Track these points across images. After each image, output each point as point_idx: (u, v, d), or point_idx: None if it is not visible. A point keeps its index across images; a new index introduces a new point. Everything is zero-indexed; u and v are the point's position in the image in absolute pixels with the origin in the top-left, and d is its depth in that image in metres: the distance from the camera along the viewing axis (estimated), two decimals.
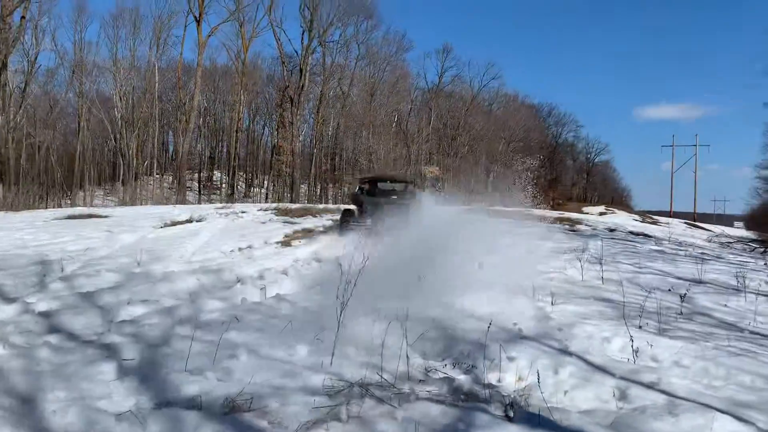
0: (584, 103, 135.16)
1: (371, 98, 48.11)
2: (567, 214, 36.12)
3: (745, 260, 13.05)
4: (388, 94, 50.44)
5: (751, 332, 5.76)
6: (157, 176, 49.30)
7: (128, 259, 9.43)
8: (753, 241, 23.93)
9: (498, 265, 9.84)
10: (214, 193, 54.66)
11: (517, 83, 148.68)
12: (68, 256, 9.55)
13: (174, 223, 14.49)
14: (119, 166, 43.98)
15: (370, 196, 13.53)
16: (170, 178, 54.36)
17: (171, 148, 62.45)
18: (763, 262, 12.63)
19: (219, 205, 23.06)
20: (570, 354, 4.81)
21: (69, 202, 40.96)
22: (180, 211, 17.03)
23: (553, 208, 51.83)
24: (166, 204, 27.72)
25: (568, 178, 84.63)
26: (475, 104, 62.84)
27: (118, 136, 43.42)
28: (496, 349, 4.73)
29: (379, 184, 14.18)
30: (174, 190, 45.33)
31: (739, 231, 47.36)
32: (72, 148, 44.65)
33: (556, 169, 77.75)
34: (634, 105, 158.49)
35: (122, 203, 36.81)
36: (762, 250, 19.02)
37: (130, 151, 42.38)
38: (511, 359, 4.58)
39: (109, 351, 4.57)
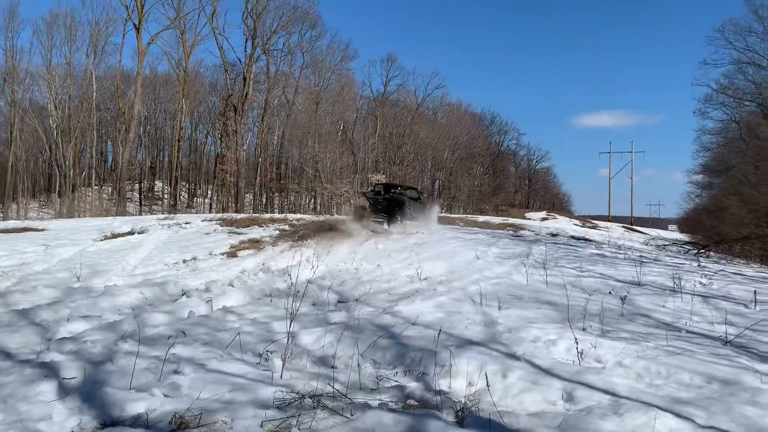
0: (525, 111, 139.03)
1: (316, 107, 47.96)
2: (511, 220, 36.88)
3: (680, 262, 13.59)
4: (333, 102, 50.43)
5: (688, 331, 5.99)
6: (96, 187, 47.78)
7: (67, 274, 9.09)
8: (687, 243, 24.99)
9: (445, 272, 9.98)
10: (156, 204, 53.36)
11: (461, 92, 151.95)
12: (1, 272, 9.14)
13: (115, 236, 14.05)
14: (55, 178, 42.42)
15: (379, 196, 17.98)
16: (110, 189, 52.81)
17: (110, 158, 60.80)
18: (696, 264, 13.16)
19: (161, 216, 22.48)
20: (518, 358, 4.89)
21: (1, 215, 39.22)
22: (121, 223, 16.51)
23: (497, 214, 52.76)
24: (106, 216, 26.85)
25: (511, 185, 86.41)
26: (420, 113, 63.57)
27: (53, 146, 41.86)
28: (447, 355, 4.77)
29: (389, 190, 18.51)
30: (114, 201, 44.00)
31: (673, 234, 49.39)
32: (4, 159, 42.79)
33: (500, 177, 79.29)
34: (573, 113, 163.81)
35: (59, 216, 35.40)
36: (695, 252, 19.86)
37: (67, 162, 40.86)
38: (461, 365, 4.62)
39: (49, 370, 4.38)
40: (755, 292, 8.03)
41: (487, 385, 4.18)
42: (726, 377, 4.45)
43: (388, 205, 17.60)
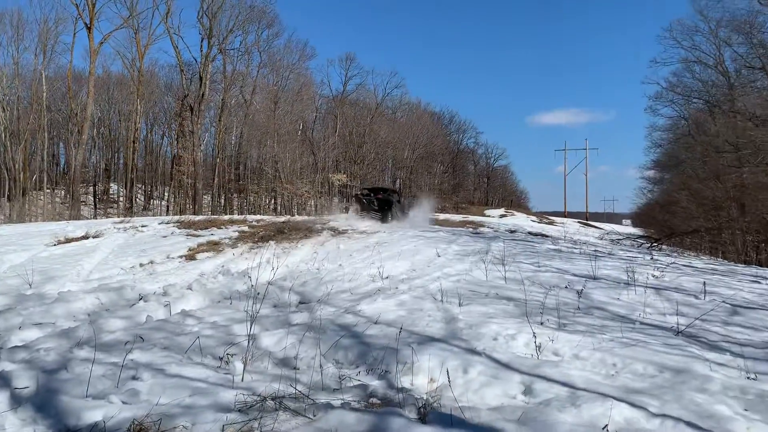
0: (482, 110, 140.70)
1: (275, 106, 47.58)
2: (470, 218, 37.32)
3: (633, 255, 13.95)
4: (292, 102, 50.10)
5: (642, 323, 6.18)
6: (48, 191, 46.41)
7: (18, 280, 8.81)
8: (640, 237, 25.68)
9: (407, 271, 10.04)
10: (112, 207, 52.06)
11: (420, 91, 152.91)
12: None
13: (68, 240, 13.66)
14: (4, 181, 40.96)
15: (370, 197, 22.19)
16: (63, 192, 51.30)
17: (63, 161, 59.14)
18: (649, 257, 13.54)
19: (117, 219, 21.95)
20: (478, 353, 4.97)
21: None
22: (75, 227, 16.05)
23: (457, 212, 53.25)
24: (59, 220, 26.04)
25: (471, 183, 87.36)
26: (379, 112, 63.74)
27: (1, 149, 40.46)
28: (408, 352, 4.82)
29: (375, 192, 22.94)
30: (67, 205, 42.76)
31: (627, 228, 50.70)
32: None
33: (459, 175, 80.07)
34: (529, 112, 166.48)
35: (9, 221, 34.20)
36: (648, 245, 20.43)
37: (17, 165, 39.56)
38: (422, 362, 4.66)
39: (0, 380, 4.26)
40: (704, 283, 8.32)
41: (449, 381, 4.23)
42: (677, 366, 4.61)
43: (380, 204, 21.62)
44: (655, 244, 20.62)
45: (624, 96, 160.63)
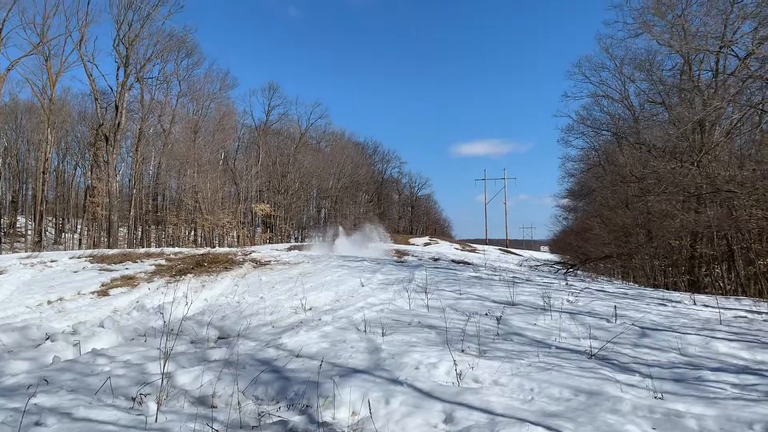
0: (405, 140, 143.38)
1: (195, 136, 46.63)
2: (395, 246, 37.55)
3: (550, 281, 14.42)
4: (213, 131, 49.29)
5: (557, 347, 6.36)
6: None
7: None
8: (557, 263, 26.64)
9: (330, 301, 9.97)
10: (19, 242, 49.13)
11: (343, 121, 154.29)
12: None
13: None
14: None
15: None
16: None
17: None
18: (564, 282, 14.04)
19: (24, 254, 20.73)
20: (400, 383, 4.97)
21: None
22: None
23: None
24: None
25: (395, 212, 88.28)
26: (304, 141, 63.76)
27: None
28: (330, 385, 4.76)
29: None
30: None
31: (545, 254, 52.46)
32: None
33: (384, 204, 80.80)
34: (451, 142, 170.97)
35: None
36: (564, 271, 21.21)
37: None
38: (344, 395, 4.61)
39: None
40: (615, 307, 8.69)
41: (370, 413, 4.21)
42: (591, 389, 4.77)
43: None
44: (571, 270, 21.43)
45: (540, 127, 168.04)
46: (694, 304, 10.18)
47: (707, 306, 9.86)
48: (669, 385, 4.91)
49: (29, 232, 49.09)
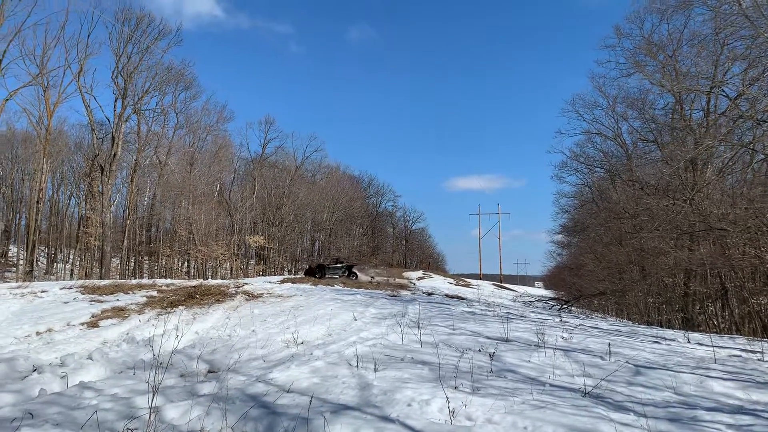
0: (400, 174, 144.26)
1: (191, 167, 46.73)
2: (401, 281, 37.41)
3: (544, 318, 14.37)
4: (209, 163, 49.44)
5: (551, 385, 6.30)
6: None
7: None
8: (551, 299, 26.57)
9: (323, 335, 9.88)
10: (10, 272, 48.70)
11: (339, 155, 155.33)
12: None
13: None
14: None
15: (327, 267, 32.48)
16: None
17: None
18: (558, 319, 13.99)
19: (14, 284, 20.53)
20: (392, 420, 4.89)
21: None
22: None
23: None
24: None
25: (389, 245, 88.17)
26: (299, 174, 63.94)
27: None
28: (321, 422, 4.68)
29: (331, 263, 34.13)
30: None
31: (539, 290, 52.34)
32: None
33: (378, 237, 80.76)
34: (446, 177, 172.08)
35: None
36: (558, 307, 21.15)
37: None
38: (334, 431, 4.54)
39: None
40: (609, 344, 8.64)
41: None
42: (585, 428, 4.71)
43: (342, 268, 32.70)
44: (565, 306, 21.39)
45: (534, 164, 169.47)
46: (689, 342, 10.15)
47: (701, 344, 9.83)
48: (664, 424, 4.85)
49: (21, 262, 48.72)
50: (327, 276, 30.81)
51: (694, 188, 16.03)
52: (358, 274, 33.74)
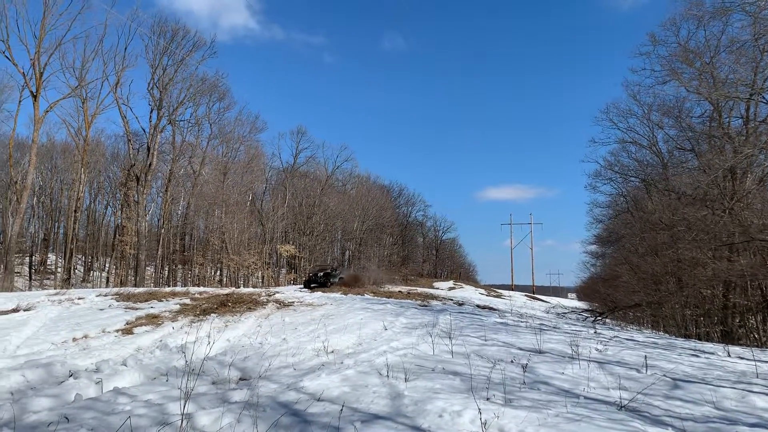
0: (431, 184, 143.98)
1: (224, 177, 47.40)
2: (419, 290, 37.28)
3: (578, 329, 14.13)
4: (241, 173, 50.06)
5: (586, 397, 6.17)
6: None
7: None
8: (585, 311, 26.12)
9: (353, 344, 9.87)
10: (48, 279, 49.95)
11: (370, 165, 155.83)
12: None
13: None
14: None
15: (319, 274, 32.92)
16: None
17: None
18: (593, 331, 13.73)
19: (52, 291, 21.01)
20: (423, 431, 4.84)
21: None
22: (5, 300, 15.27)
23: (406, 283, 53.19)
24: None
25: (419, 255, 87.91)
26: (329, 184, 64.29)
27: None
28: (351, 431, 4.65)
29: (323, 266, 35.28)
30: (0, 276, 40.84)
31: (573, 302, 51.57)
32: None
33: (408, 247, 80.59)
34: (477, 187, 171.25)
35: None
36: (593, 319, 20.77)
37: None
38: None
39: None
40: (645, 357, 8.44)
41: None
42: None
43: (323, 278, 32.70)
44: (599, 318, 21.00)
45: (568, 173, 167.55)
46: (728, 355, 9.85)
47: (742, 358, 9.54)
48: None
49: (59, 270, 49.90)
50: (312, 286, 31.42)
51: (733, 198, 15.64)
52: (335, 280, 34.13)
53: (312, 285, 31.76)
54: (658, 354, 9.55)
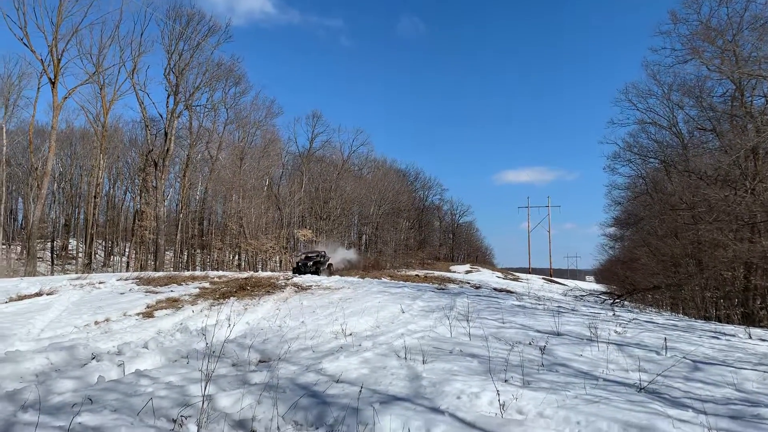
0: (447, 167, 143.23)
1: (241, 162, 47.56)
2: (436, 273, 37.30)
3: (596, 312, 14.06)
4: (258, 158, 50.18)
5: (605, 380, 6.15)
6: (4, 247, 45.03)
7: None
8: (603, 293, 25.96)
9: (371, 327, 9.91)
10: (70, 264, 50.71)
11: (385, 148, 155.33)
12: None
13: (21, 298, 13.19)
14: None
15: (308, 263, 29.85)
16: (19, 248, 49.94)
17: (21, 216, 57.88)
18: (611, 313, 13.66)
19: (74, 276, 21.31)
20: (442, 412, 4.86)
21: None
22: (28, 284, 15.55)
23: (423, 267, 53.25)
24: (14, 277, 25.20)
25: (436, 239, 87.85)
26: (346, 168, 64.26)
27: None
28: (370, 413, 4.68)
29: (309, 254, 32.06)
30: (23, 261, 41.53)
31: (591, 284, 51.29)
32: None
33: (425, 231, 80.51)
34: (494, 170, 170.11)
35: None
36: (611, 301, 20.64)
37: None
38: (384, 422, 4.53)
39: None
40: (665, 339, 8.39)
41: None
42: (641, 423, 4.57)
43: (313, 265, 29.93)
44: (618, 300, 20.85)
45: (585, 155, 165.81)
46: (750, 337, 9.76)
47: (764, 340, 9.44)
48: (725, 422, 4.67)
49: (80, 255, 50.65)
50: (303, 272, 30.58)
51: (756, 178, 15.39)
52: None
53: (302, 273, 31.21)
54: (677, 336, 9.48)
